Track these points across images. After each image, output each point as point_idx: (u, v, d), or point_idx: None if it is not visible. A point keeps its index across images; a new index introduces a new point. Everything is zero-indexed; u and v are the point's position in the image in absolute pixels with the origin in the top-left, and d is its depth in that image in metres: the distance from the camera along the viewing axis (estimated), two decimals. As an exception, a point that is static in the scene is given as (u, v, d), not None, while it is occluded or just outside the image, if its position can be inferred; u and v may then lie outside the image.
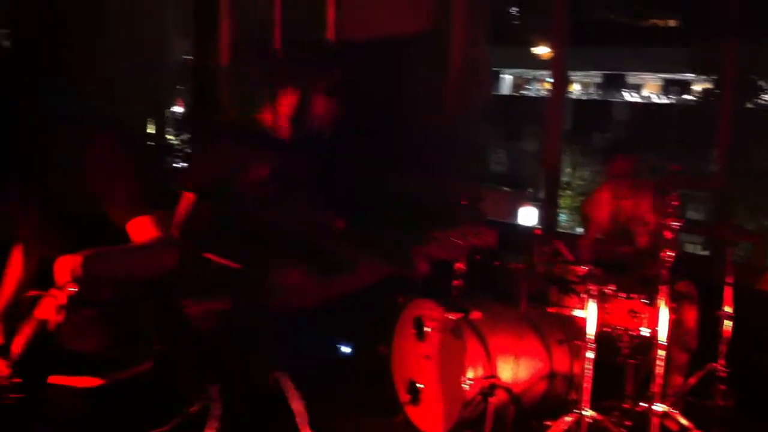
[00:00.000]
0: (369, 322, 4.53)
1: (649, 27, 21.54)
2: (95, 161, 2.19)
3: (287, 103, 2.53)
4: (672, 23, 21.39)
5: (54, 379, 2.31)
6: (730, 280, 4.03)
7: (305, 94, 2.53)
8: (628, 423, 3.66)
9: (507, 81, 22.78)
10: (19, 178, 2.18)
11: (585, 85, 22.58)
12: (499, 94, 21.17)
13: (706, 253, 6.05)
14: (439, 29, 5.26)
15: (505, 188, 9.08)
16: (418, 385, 3.86)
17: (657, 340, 3.55)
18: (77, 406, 2.34)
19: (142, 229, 2.20)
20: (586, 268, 3.82)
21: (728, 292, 4.03)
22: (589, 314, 3.58)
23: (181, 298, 2.38)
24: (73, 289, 1.86)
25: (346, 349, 4.99)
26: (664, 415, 3.55)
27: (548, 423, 3.54)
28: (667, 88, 21.25)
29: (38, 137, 2.15)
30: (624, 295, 3.72)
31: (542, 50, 16.00)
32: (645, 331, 3.65)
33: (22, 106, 2.15)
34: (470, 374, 3.55)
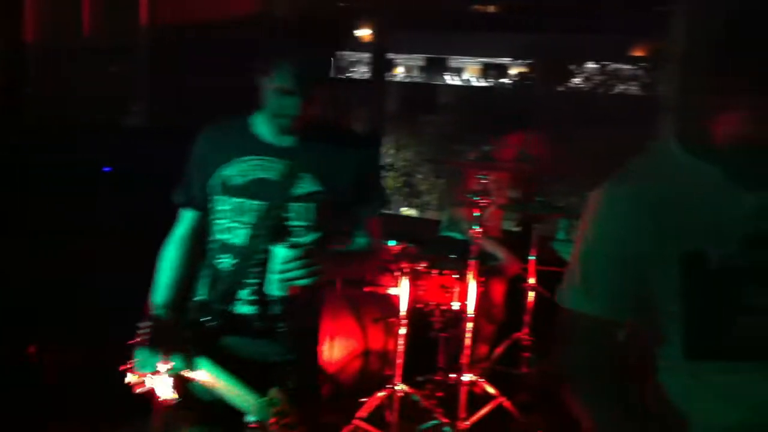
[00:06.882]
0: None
1: (470, 12, 22.25)
2: None
3: None
4: (492, 9, 22.19)
5: None
6: (533, 253, 4.28)
7: None
8: (439, 394, 3.81)
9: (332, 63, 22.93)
10: None
11: (409, 69, 23.11)
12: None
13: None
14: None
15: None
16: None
17: (466, 314, 3.71)
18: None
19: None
20: (400, 246, 3.94)
21: (532, 266, 4.28)
22: (401, 291, 3.67)
23: None
24: None
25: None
26: (473, 384, 3.72)
27: (362, 399, 3.62)
28: (486, 71, 22.11)
29: None
30: (436, 271, 3.85)
31: (365, 32, 16.18)
32: (455, 305, 3.80)
33: None
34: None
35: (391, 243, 4.02)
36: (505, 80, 19.06)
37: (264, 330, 2.17)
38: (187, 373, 2.10)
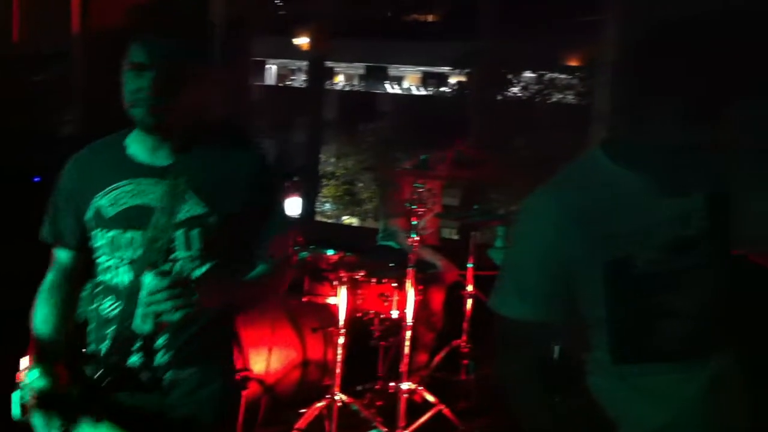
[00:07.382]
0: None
1: (409, 21, 22.41)
2: None
3: None
4: (431, 18, 22.40)
5: None
6: (471, 261, 4.31)
7: None
8: (379, 403, 3.79)
9: (272, 71, 22.84)
10: None
11: (349, 77, 23.16)
12: (264, 84, 21.20)
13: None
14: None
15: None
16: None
17: (405, 322, 3.71)
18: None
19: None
20: (338, 255, 3.92)
21: (470, 273, 4.30)
22: (340, 301, 3.65)
23: None
24: None
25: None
26: (412, 392, 3.71)
27: (301, 410, 3.58)
28: (426, 80, 22.28)
29: None
30: (375, 280, 3.84)
31: (304, 41, 16.12)
32: (394, 314, 3.79)
33: None
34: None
35: (330, 252, 4.00)
36: (445, 89, 19.24)
37: (156, 381, 1.89)
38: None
